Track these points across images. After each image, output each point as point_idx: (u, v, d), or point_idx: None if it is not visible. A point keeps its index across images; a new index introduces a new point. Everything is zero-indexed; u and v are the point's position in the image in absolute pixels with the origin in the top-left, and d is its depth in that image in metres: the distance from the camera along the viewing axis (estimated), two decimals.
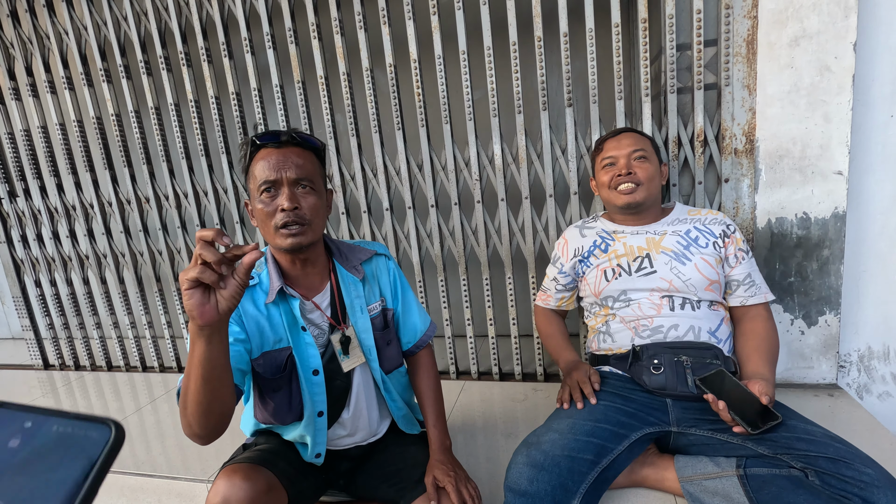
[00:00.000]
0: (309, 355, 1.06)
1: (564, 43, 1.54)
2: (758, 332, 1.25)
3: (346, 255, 1.15)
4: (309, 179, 1.00)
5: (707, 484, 1.04)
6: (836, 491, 0.89)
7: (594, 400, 1.16)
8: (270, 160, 0.98)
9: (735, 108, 1.46)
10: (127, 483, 1.45)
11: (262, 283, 1.06)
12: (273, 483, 0.99)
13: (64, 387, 2.21)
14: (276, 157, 0.98)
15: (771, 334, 1.26)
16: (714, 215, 1.33)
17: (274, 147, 1.00)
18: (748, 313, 1.29)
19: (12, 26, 2.06)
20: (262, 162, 0.99)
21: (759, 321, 1.27)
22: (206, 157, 1.96)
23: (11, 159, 2.24)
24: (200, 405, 0.81)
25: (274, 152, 0.99)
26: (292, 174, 0.98)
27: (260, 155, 1.00)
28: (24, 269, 2.39)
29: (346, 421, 1.15)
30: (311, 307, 1.09)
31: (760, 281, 1.30)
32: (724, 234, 1.30)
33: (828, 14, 1.34)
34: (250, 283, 1.03)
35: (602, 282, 1.33)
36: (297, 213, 0.98)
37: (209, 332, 0.74)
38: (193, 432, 0.85)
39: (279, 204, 0.97)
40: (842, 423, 1.35)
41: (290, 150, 1.00)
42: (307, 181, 1.00)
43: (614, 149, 1.32)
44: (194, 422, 0.83)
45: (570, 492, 0.98)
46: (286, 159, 0.98)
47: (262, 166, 0.98)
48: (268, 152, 0.99)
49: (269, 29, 1.77)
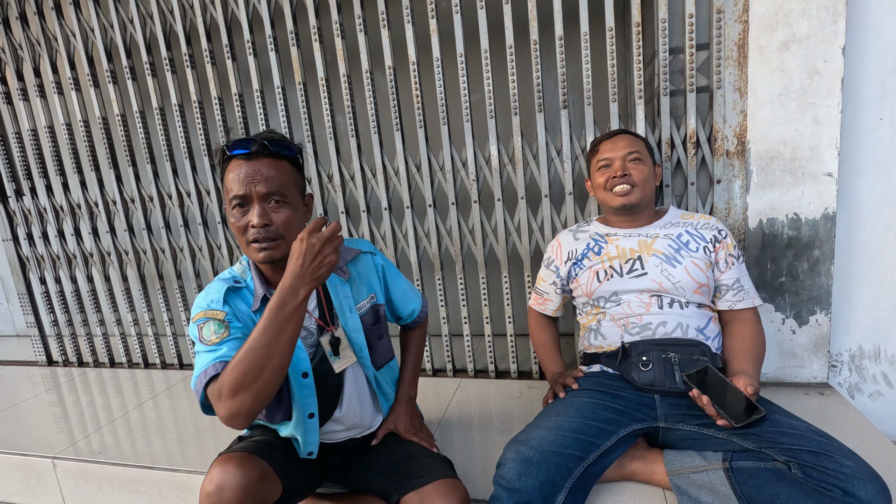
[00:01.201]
0: (298, 358, 1.07)
1: (560, 46, 1.57)
2: (745, 334, 1.28)
3: None
4: (280, 193, 0.98)
5: (694, 477, 1.06)
6: (818, 483, 0.91)
7: (576, 386, 1.26)
8: (240, 173, 0.96)
9: (727, 111, 1.49)
10: (128, 475, 1.48)
11: (248, 288, 1.07)
12: (267, 472, 1.01)
13: (67, 383, 2.24)
14: (246, 171, 0.96)
15: (758, 337, 1.29)
16: (707, 220, 1.35)
17: (244, 159, 0.97)
18: (737, 317, 1.32)
19: (21, 28, 2.11)
20: (233, 174, 0.97)
21: (746, 325, 1.30)
22: (209, 156, 2.00)
23: (18, 158, 2.29)
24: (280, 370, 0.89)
25: (244, 164, 0.97)
26: (262, 188, 0.96)
27: (231, 166, 0.98)
28: (29, 266, 2.43)
29: (339, 418, 1.17)
30: None
31: (749, 286, 1.32)
32: (716, 239, 1.32)
33: (817, 19, 1.37)
34: (238, 286, 1.05)
35: (594, 283, 1.35)
36: (267, 230, 0.97)
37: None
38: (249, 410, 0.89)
39: (249, 220, 0.97)
40: (832, 422, 1.37)
41: (260, 163, 0.97)
42: (278, 195, 0.98)
43: (609, 151, 1.35)
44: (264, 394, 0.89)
45: (557, 487, 1.01)
46: (255, 173, 0.96)
47: (232, 179, 0.97)
48: (238, 164, 0.97)
49: (272, 31, 1.81)
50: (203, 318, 0.99)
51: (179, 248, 2.15)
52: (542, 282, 1.52)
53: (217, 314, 0.99)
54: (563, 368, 1.43)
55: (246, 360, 0.87)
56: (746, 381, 1.09)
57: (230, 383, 0.87)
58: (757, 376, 1.19)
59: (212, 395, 0.91)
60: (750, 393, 1.07)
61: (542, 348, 1.51)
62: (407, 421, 1.25)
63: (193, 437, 1.61)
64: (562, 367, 1.44)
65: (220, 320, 0.98)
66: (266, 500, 1.00)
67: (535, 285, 1.55)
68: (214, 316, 0.98)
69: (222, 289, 1.03)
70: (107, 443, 1.62)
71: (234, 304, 1.04)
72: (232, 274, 1.08)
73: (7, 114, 2.25)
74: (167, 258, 2.17)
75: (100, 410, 1.89)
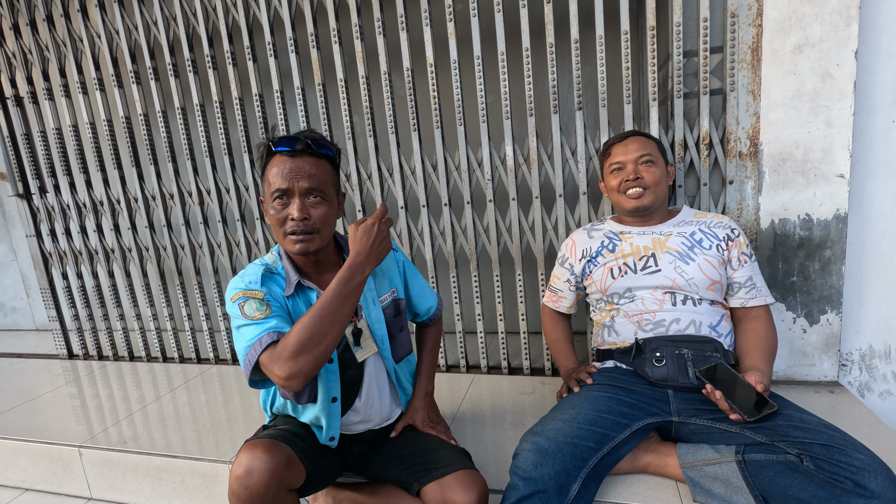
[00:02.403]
0: None
1: (575, 49, 1.60)
2: (757, 331, 1.30)
3: None
4: (320, 189, 1.05)
5: (707, 469, 1.09)
6: (830, 475, 0.93)
7: (590, 381, 1.29)
8: (284, 168, 1.02)
9: (740, 113, 1.52)
10: (152, 464, 1.52)
11: (280, 275, 1.12)
12: (292, 458, 1.05)
13: (87, 376, 2.30)
14: (290, 166, 1.02)
15: (770, 334, 1.31)
16: (720, 219, 1.38)
17: (288, 156, 1.03)
18: (749, 314, 1.34)
19: (47, 30, 2.17)
20: (276, 169, 1.03)
21: (759, 322, 1.32)
22: (229, 155, 2.04)
23: (43, 156, 2.35)
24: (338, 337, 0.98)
25: (288, 161, 1.03)
26: (304, 184, 1.02)
27: (275, 161, 1.04)
28: (52, 261, 2.49)
29: (358, 408, 1.21)
30: None
31: (762, 284, 1.35)
32: (728, 237, 1.34)
33: (830, 23, 1.39)
34: (271, 273, 1.11)
35: (608, 279, 1.38)
36: (306, 223, 1.03)
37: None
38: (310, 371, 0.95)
39: (290, 213, 1.03)
40: (843, 419, 1.39)
41: (304, 160, 1.03)
42: (318, 191, 1.04)
43: (621, 154, 1.37)
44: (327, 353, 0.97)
45: (572, 476, 1.04)
46: (299, 169, 1.02)
47: (276, 173, 1.03)
48: (282, 160, 1.03)
49: (292, 34, 1.85)
50: (243, 296, 1.04)
51: (198, 245, 2.20)
52: (556, 279, 1.55)
53: (256, 293, 1.04)
54: (577, 364, 1.46)
55: (312, 325, 0.95)
56: (758, 376, 1.12)
57: (294, 345, 0.94)
58: (769, 372, 1.22)
59: (270, 360, 0.96)
60: (761, 389, 1.09)
61: (556, 344, 1.54)
62: (424, 415, 1.29)
63: (211, 429, 1.65)
64: (575, 363, 1.47)
65: (260, 299, 1.03)
66: (291, 485, 1.04)
67: (549, 283, 1.58)
68: (254, 295, 1.04)
69: (259, 271, 1.09)
70: (126, 434, 1.67)
71: (269, 286, 1.08)
72: (264, 262, 1.13)
73: (33, 113, 2.31)
74: (186, 254, 2.22)
75: (119, 403, 1.94)
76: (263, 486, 0.97)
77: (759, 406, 1.07)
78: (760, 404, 1.07)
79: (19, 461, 1.71)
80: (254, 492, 0.96)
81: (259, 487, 0.97)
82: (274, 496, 0.99)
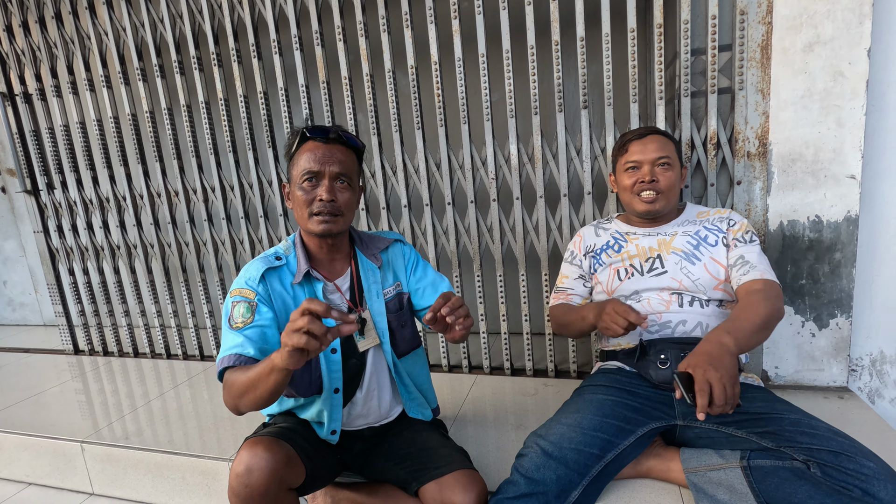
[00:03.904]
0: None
1: (581, 47, 1.58)
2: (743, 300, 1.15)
3: (367, 244, 1.24)
4: (348, 176, 1.11)
5: (711, 475, 1.06)
6: (838, 482, 0.91)
7: (646, 324, 1.11)
8: (317, 153, 1.08)
9: (748, 112, 1.49)
10: (154, 460, 1.53)
11: (289, 265, 1.15)
12: (292, 456, 1.05)
13: (92, 371, 2.31)
14: (323, 151, 1.08)
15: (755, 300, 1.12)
16: (721, 213, 1.34)
17: (322, 142, 1.09)
18: (745, 290, 1.19)
19: (56, 27, 2.18)
20: (309, 153, 1.08)
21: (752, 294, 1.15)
22: (234, 153, 2.05)
23: (50, 153, 2.37)
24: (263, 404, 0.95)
25: (321, 146, 1.09)
26: (335, 169, 1.08)
27: (307, 146, 1.10)
28: (58, 257, 2.50)
29: (358, 400, 1.21)
30: (332, 289, 1.17)
31: (757, 262, 1.23)
32: (728, 226, 1.31)
33: (842, 20, 1.37)
34: (277, 263, 1.14)
35: (615, 281, 1.36)
36: (332, 205, 1.08)
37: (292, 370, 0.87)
38: (239, 412, 1.00)
39: (318, 194, 1.08)
40: (852, 425, 1.36)
41: (335, 147, 1.10)
42: (346, 177, 1.10)
43: (639, 153, 1.32)
44: (247, 410, 0.98)
45: (574, 483, 1.03)
46: (331, 155, 1.09)
47: (308, 157, 1.08)
48: (315, 145, 1.09)
49: (297, 31, 1.85)
50: (238, 295, 1.09)
51: (203, 243, 2.21)
52: (565, 279, 1.47)
53: (249, 293, 1.08)
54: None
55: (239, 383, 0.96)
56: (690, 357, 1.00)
57: (227, 386, 0.99)
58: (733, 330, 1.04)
59: (224, 384, 1.01)
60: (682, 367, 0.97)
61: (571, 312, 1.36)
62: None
63: (213, 426, 1.65)
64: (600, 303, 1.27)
65: (250, 302, 1.07)
66: (291, 484, 1.04)
67: (557, 285, 1.50)
68: (246, 295, 1.08)
69: (261, 268, 1.12)
70: (130, 430, 1.67)
71: (271, 283, 1.12)
72: (275, 251, 1.17)
73: (41, 110, 2.33)
74: (191, 252, 2.23)
75: (123, 399, 1.95)
76: (264, 484, 0.97)
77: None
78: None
79: (23, 455, 1.72)
80: (254, 490, 0.96)
81: (259, 486, 0.96)
82: (274, 494, 0.99)
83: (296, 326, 0.80)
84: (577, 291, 1.45)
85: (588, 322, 1.28)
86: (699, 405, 0.92)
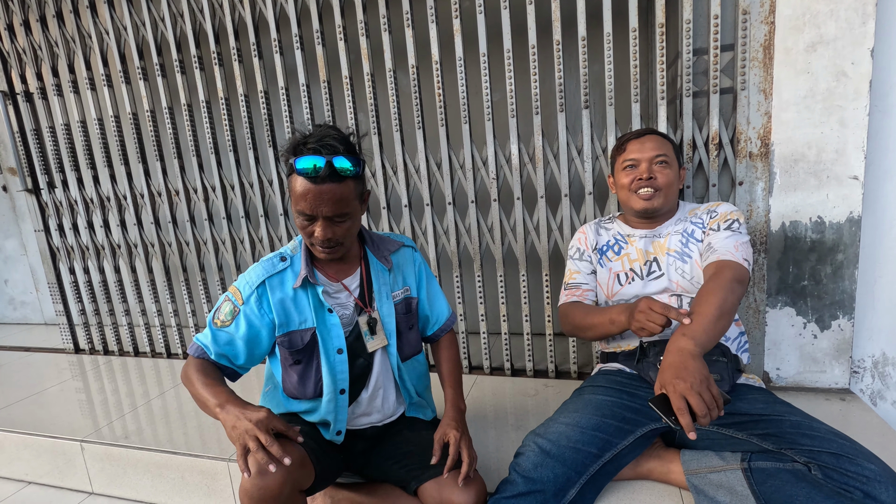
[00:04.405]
0: (333, 335, 1.14)
1: (582, 47, 1.58)
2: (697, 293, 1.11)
3: (378, 245, 1.23)
4: (343, 213, 1.02)
5: (712, 477, 1.06)
6: (839, 485, 0.90)
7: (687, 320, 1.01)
8: (308, 196, 0.99)
9: (751, 112, 1.48)
10: (153, 459, 1.52)
11: (293, 266, 1.14)
12: (304, 458, 1.05)
13: (92, 370, 2.31)
14: (314, 193, 0.98)
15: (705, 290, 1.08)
16: (711, 206, 1.31)
17: (311, 182, 0.98)
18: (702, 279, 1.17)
19: (57, 26, 2.18)
20: (300, 189, 0.99)
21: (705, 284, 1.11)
22: (234, 152, 2.04)
23: (51, 152, 2.37)
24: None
25: (311, 188, 0.98)
26: (328, 211, 1.00)
27: (298, 180, 1.00)
28: (59, 256, 2.51)
29: (363, 400, 1.21)
30: (338, 288, 1.16)
31: (719, 245, 1.19)
32: (710, 217, 1.28)
33: (845, 20, 1.36)
34: (282, 265, 1.14)
35: (615, 285, 1.35)
36: (330, 241, 1.05)
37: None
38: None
39: (314, 231, 1.04)
40: (853, 427, 1.36)
41: (326, 187, 0.98)
42: (341, 215, 1.02)
43: (637, 151, 1.32)
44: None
45: (571, 481, 1.03)
46: (321, 197, 0.98)
47: (300, 194, 0.99)
48: (305, 186, 0.98)
49: (298, 30, 1.85)
50: (231, 294, 1.13)
51: (203, 242, 2.21)
52: (576, 274, 1.42)
53: (239, 299, 1.12)
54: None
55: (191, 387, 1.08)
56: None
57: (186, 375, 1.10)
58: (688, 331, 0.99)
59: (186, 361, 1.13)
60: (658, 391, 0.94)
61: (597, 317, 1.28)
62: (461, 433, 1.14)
63: (213, 426, 1.64)
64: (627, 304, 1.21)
65: (235, 307, 1.12)
66: (302, 485, 1.04)
67: (567, 281, 1.43)
68: (237, 300, 1.12)
69: (262, 276, 1.12)
70: (130, 429, 1.67)
71: (271, 289, 1.12)
72: (282, 251, 1.17)
73: (42, 109, 2.33)
74: (191, 251, 2.23)
75: (123, 398, 1.95)
76: (278, 486, 0.96)
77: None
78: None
79: (23, 454, 1.72)
80: (268, 492, 0.95)
81: (274, 487, 0.96)
82: (287, 496, 0.98)
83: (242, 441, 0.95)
84: (591, 287, 1.40)
85: (619, 325, 1.20)
86: (684, 425, 0.86)
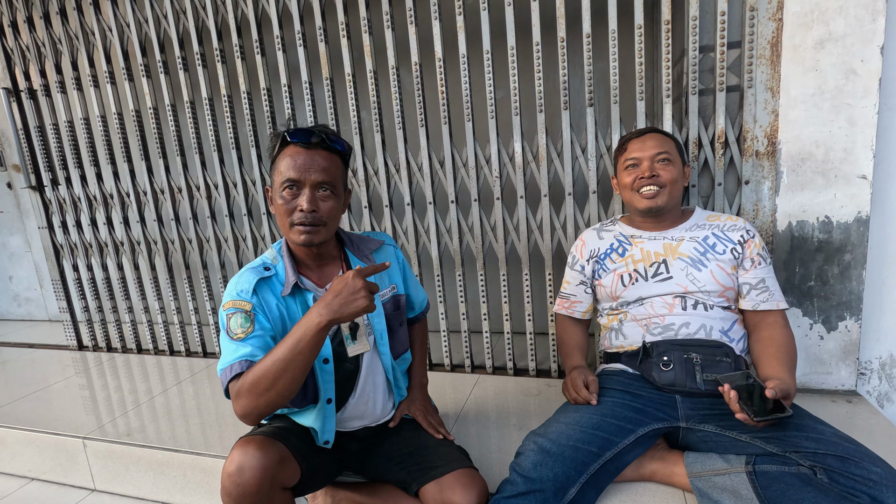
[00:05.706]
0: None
1: (587, 44, 1.56)
2: (776, 339, 1.22)
3: (358, 246, 1.20)
4: (331, 184, 1.05)
5: (716, 480, 1.05)
6: (845, 489, 0.89)
7: (595, 401, 1.19)
8: (297, 160, 1.02)
9: (757, 111, 1.47)
10: (155, 457, 1.52)
11: (278, 275, 1.10)
12: (286, 455, 1.03)
13: (96, 367, 2.32)
14: (303, 158, 1.02)
15: (789, 341, 1.23)
16: (734, 221, 1.31)
17: (303, 147, 1.03)
18: (765, 320, 1.26)
19: (60, 23, 2.18)
20: (289, 159, 1.02)
21: (777, 329, 1.24)
22: (237, 149, 2.04)
23: (55, 149, 2.37)
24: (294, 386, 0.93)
25: (302, 152, 1.02)
26: (316, 177, 1.02)
27: (288, 151, 1.04)
28: (63, 253, 2.51)
29: (352, 405, 1.19)
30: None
31: (775, 287, 1.28)
32: (743, 239, 1.28)
33: (854, 17, 1.34)
34: (267, 274, 1.09)
35: (619, 286, 1.34)
36: (314, 216, 1.03)
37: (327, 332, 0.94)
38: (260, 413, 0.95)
39: (299, 204, 1.02)
40: (860, 430, 1.34)
41: (317, 153, 1.03)
42: (329, 185, 1.04)
43: (638, 150, 1.31)
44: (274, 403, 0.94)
45: (572, 480, 1.02)
46: (313, 161, 1.02)
47: (288, 164, 1.02)
48: (296, 150, 1.03)
49: (301, 27, 1.84)
50: (232, 307, 1.03)
51: (206, 239, 2.21)
52: (567, 284, 1.47)
53: (245, 305, 1.03)
54: (580, 363, 1.37)
55: (263, 371, 0.93)
56: (776, 383, 1.05)
57: (248, 387, 0.94)
58: (792, 382, 1.12)
59: (232, 391, 0.97)
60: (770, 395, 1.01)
61: (563, 346, 1.47)
62: (422, 405, 1.29)
63: (216, 424, 1.64)
64: (579, 362, 1.38)
65: (247, 312, 1.02)
66: (285, 483, 1.03)
67: (561, 290, 1.50)
68: (242, 307, 1.03)
69: (253, 280, 1.07)
70: (133, 426, 1.67)
71: (263, 295, 1.07)
72: (263, 261, 1.12)
73: (45, 106, 2.33)
74: (194, 248, 2.23)
75: (126, 395, 1.95)
76: (255, 483, 0.95)
77: (772, 411, 1.01)
78: (774, 409, 1.02)
79: (26, 451, 1.73)
80: (245, 489, 0.95)
81: (251, 485, 0.95)
82: (266, 493, 0.97)
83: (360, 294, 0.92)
84: (578, 298, 1.46)
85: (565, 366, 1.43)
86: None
